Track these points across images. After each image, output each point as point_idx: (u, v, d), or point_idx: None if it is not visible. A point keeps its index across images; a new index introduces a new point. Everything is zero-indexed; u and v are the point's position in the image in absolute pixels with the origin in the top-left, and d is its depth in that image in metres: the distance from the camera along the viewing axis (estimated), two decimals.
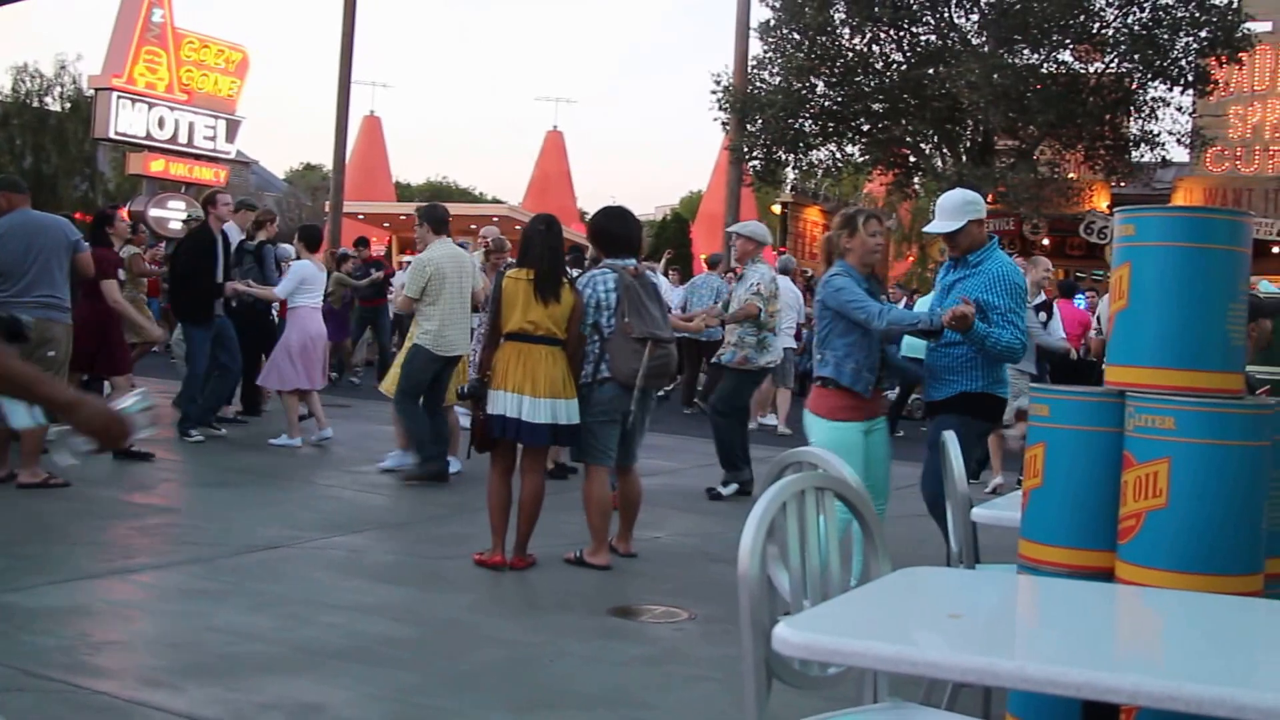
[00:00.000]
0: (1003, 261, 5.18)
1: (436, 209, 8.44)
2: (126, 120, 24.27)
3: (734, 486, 8.26)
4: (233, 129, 26.44)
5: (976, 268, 5.14)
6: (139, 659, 4.28)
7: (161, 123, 24.76)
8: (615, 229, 6.25)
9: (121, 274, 9.33)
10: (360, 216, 27.22)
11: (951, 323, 4.89)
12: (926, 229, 5.78)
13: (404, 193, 37.38)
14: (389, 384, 8.47)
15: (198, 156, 25.71)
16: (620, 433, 5.98)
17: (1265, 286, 10.67)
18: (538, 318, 5.75)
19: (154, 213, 23.47)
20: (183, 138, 25.24)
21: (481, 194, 50.91)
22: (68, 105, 31.00)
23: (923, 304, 8.63)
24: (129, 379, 8.24)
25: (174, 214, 23.13)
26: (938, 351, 5.19)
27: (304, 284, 9.38)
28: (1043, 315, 9.71)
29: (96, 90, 24.69)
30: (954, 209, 5.19)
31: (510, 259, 7.83)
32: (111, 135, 24.47)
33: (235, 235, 9.95)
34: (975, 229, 5.19)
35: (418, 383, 8.05)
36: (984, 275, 5.10)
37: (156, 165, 24.90)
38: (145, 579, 5.36)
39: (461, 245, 9.02)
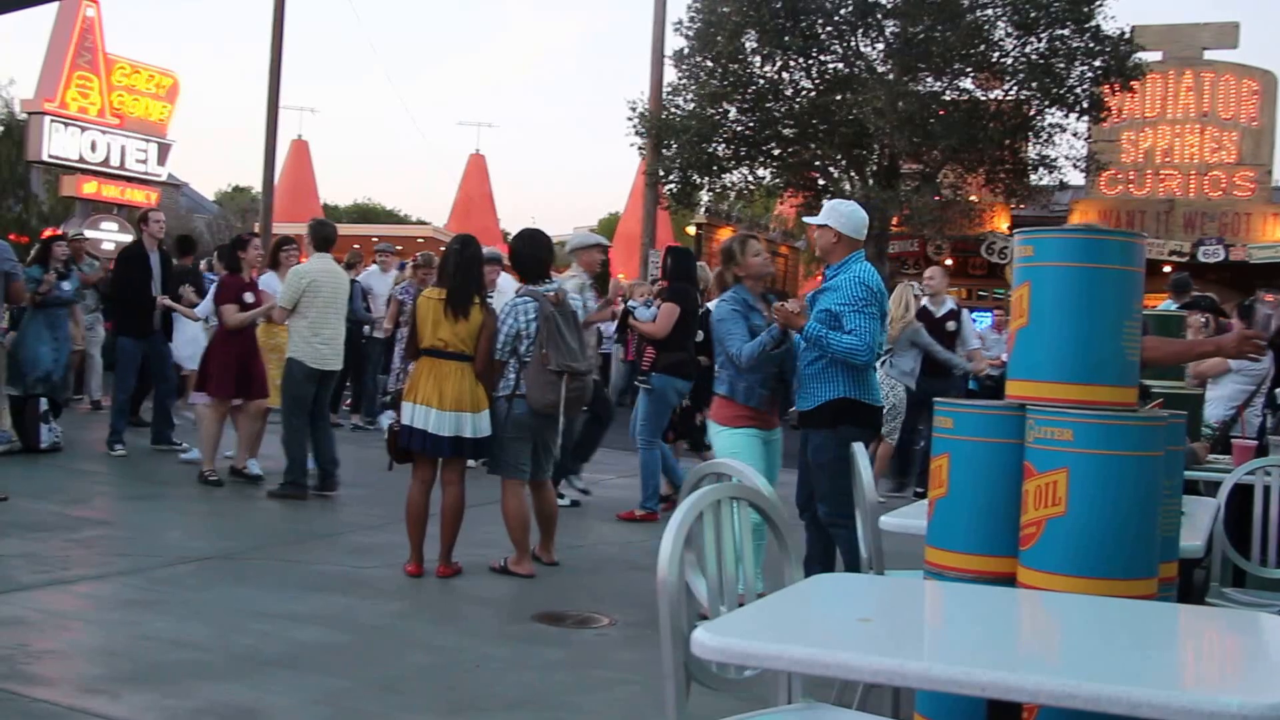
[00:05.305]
0: (855, 270, 5.13)
1: (324, 226, 8.49)
2: (59, 143, 24.13)
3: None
4: (164, 152, 26.33)
5: (832, 281, 5.18)
6: (77, 667, 4.30)
7: (94, 146, 24.64)
8: (533, 254, 6.33)
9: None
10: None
11: (779, 321, 5.10)
12: (805, 218, 5.92)
13: (332, 214, 37.05)
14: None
15: (130, 179, 25.56)
16: (532, 449, 6.05)
17: None
18: (446, 335, 5.87)
19: (87, 234, 23.16)
20: (115, 161, 25.08)
21: (407, 215, 50.62)
22: (0, 129, 30.33)
23: None
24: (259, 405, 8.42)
25: (106, 235, 23.18)
26: (801, 361, 5.27)
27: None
28: (951, 324, 9.64)
29: (29, 114, 24.49)
30: (826, 210, 5.33)
31: None
32: (45, 158, 24.27)
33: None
34: (830, 236, 5.19)
35: (301, 396, 7.96)
36: (836, 287, 5.12)
37: (89, 187, 24.75)
38: (82, 589, 5.38)
39: (350, 265, 9.06)
